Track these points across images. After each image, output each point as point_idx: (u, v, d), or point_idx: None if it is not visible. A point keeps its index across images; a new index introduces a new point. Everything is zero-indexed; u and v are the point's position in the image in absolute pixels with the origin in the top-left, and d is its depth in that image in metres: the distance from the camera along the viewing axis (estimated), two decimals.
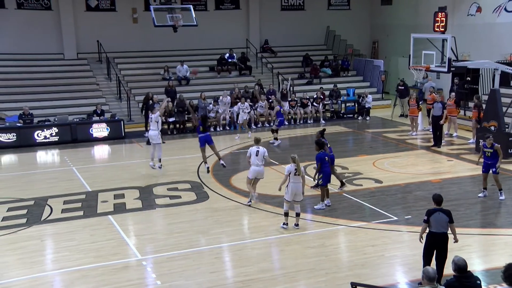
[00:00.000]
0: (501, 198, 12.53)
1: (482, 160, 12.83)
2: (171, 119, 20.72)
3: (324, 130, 13.45)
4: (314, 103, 22.87)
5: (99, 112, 20.54)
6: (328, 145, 12.79)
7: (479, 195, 12.77)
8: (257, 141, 12.57)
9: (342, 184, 13.37)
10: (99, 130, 19.95)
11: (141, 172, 15.56)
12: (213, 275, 9.13)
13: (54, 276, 9.32)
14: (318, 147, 12.16)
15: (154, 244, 10.47)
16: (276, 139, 18.73)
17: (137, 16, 25.71)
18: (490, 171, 12.51)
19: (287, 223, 10.90)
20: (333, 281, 8.74)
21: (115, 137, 19.99)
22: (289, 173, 10.73)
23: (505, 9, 22.32)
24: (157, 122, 15.05)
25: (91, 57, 25.12)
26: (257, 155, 12.23)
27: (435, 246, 8.46)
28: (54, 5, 24.74)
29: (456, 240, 8.59)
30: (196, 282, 8.94)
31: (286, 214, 10.91)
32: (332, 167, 12.75)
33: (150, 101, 19.91)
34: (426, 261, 8.55)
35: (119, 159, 17.84)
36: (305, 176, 11.13)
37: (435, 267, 8.45)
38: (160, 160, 15.23)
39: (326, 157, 12.10)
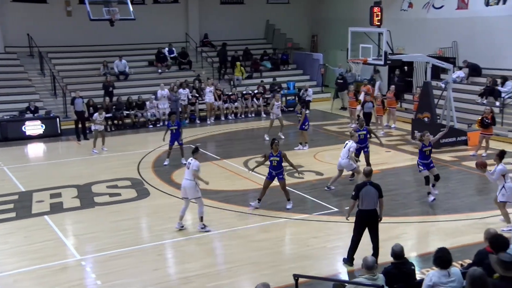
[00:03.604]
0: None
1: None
2: (107, 115, 20.19)
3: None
4: (255, 98, 22.88)
5: (32, 109, 19.70)
6: None
7: (431, 200, 11.99)
8: (193, 152, 10.97)
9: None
10: (33, 127, 19.14)
11: (79, 170, 15.08)
12: (157, 272, 8.99)
13: None
14: None
15: (94, 243, 10.18)
16: (305, 143, 17.21)
17: (71, 9, 24.69)
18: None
19: None
20: (277, 273, 8.79)
21: (51, 134, 19.28)
22: None
23: (433, 6, 23.26)
24: None
25: (21, 51, 23.89)
26: (188, 168, 10.74)
27: (366, 223, 8.80)
28: None
29: (380, 219, 8.89)
30: (139, 280, 8.77)
31: None
32: None
33: (91, 108, 19.09)
34: (356, 238, 8.85)
35: (55, 157, 17.20)
36: None
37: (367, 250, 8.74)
38: None
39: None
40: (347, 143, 12.84)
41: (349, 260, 8.94)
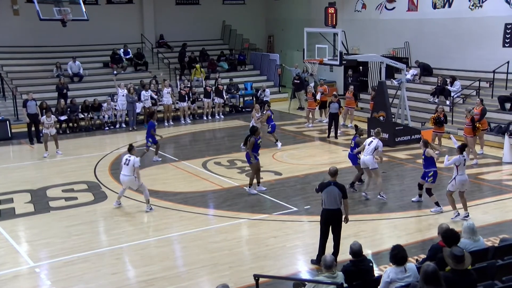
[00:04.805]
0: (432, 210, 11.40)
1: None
2: (62, 117, 19.73)
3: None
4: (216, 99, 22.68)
5: None
6: None
7: (413, 199, 11.99)
8: (129, 149, 11.70)
9: None
10: None
11: (32, 174, 14.65)
12: (115, 277, 8.83)
13: None
14: None
15: (49, 249, 9.91)
16: (277, 140, 17.29)
17: (18, 7, 23.82)
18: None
19: None
20: (237, 274, 8.79)
21: (1, 138, 18.65)
22: None
23: (385, 7, 23.81)
24: None
25: None
26: (126, 164, 11.49)
27: (330, 222, 8.86)
28: None
29: (346, 220, 8.98)
30: (97, 285, 8.60)
31: None
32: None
33: (44, 110, 18.58)
34: (323, 239, 8.91)
35: (6, 161, 16.63)
36: None
37: (331, 249, 8.84)
38: None
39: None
40: (372, 141, 12.20)
41: (317, 262, 8.87)
